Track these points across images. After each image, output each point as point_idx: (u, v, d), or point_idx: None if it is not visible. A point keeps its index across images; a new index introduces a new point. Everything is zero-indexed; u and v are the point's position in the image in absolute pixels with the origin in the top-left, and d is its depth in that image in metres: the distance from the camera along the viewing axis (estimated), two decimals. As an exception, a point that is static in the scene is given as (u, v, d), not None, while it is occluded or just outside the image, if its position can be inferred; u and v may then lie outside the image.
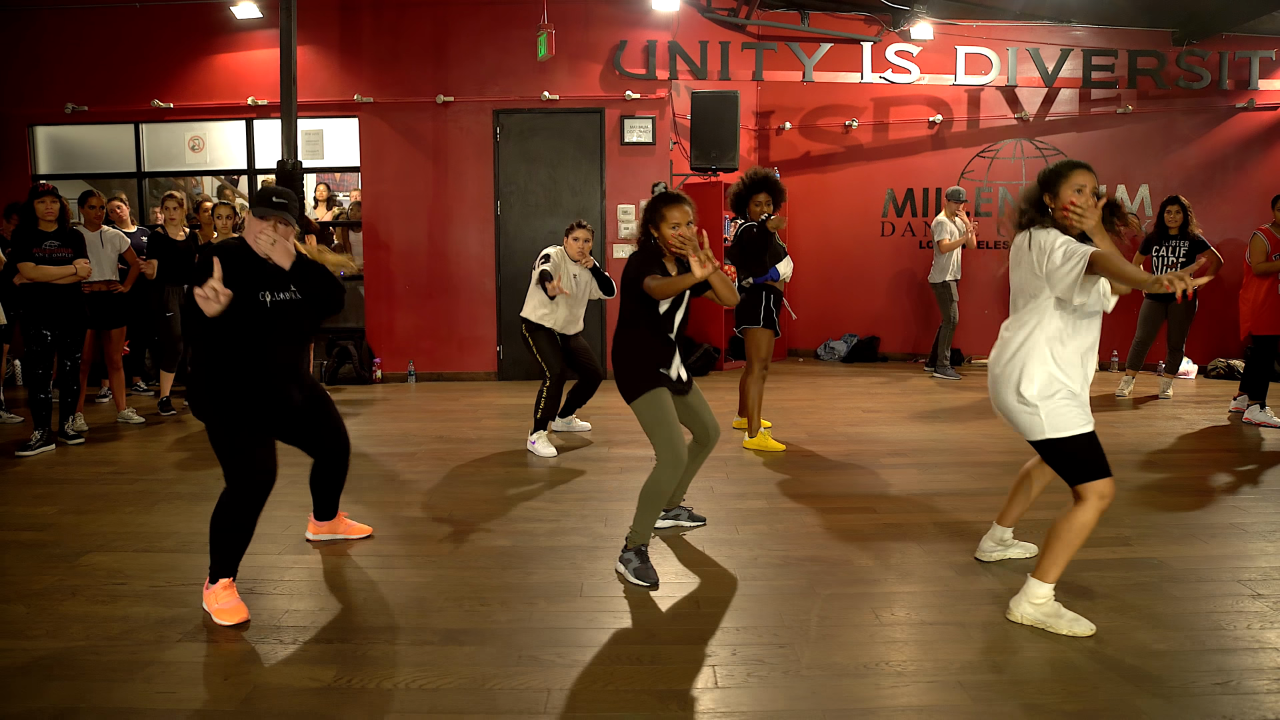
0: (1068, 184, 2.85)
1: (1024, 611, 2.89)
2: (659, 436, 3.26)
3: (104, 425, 6.15)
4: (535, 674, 2.53)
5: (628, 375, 3.35)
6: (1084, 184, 2.83)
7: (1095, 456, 2.81)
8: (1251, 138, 8.75)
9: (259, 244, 2.97)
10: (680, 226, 3.24)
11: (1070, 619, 2.83)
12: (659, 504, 3.25)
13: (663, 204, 3.29)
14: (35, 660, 2.61)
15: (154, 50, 7.99)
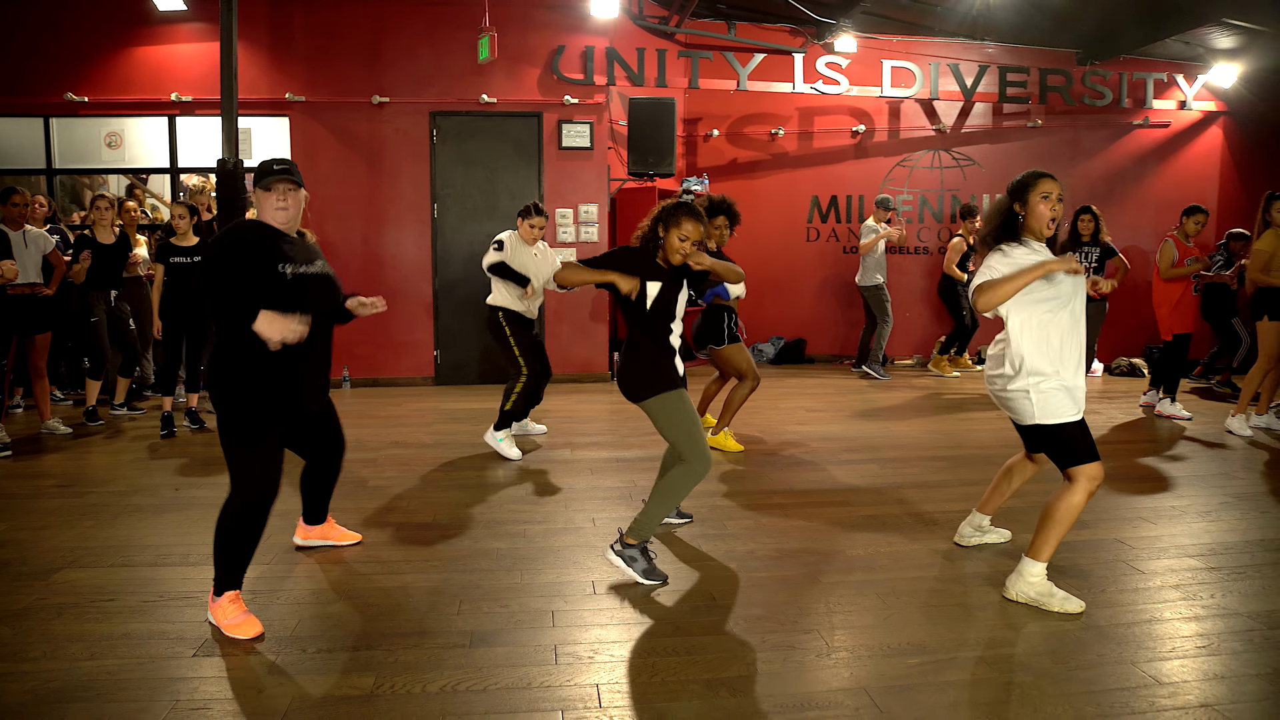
0: (1035, 191, 3.05)
1: (1020, 590, 3.06)
2: (694, 437, 3.24)
3: (28, 437, 5.78)
4: (579, 671, 2.55)
5: (644, 374, 3.30)
6: (1050, 191, 3.04)
7: (1085, 442, 3.02)
8: (1147, 152, 9.44)
9: (275, 218, 2.93)
10: (689, 241, 3.27)
11: (1061, 597, 3.02)
12: (676, 504, 3.28)
13: (683, 213, 3.30)
14: (41, 684, 2.46)
15: (68, 41, 7.56)
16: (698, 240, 3.28)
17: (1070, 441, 3.02)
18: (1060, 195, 3.07)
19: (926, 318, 9.69)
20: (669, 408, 3.26)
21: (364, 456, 5.32)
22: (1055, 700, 2.39)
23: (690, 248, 3.28)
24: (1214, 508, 4.22)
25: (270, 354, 2.76)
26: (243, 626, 2.76)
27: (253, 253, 2.82)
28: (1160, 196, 9.31)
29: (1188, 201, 6.96)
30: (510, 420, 5.32)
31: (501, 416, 5.27)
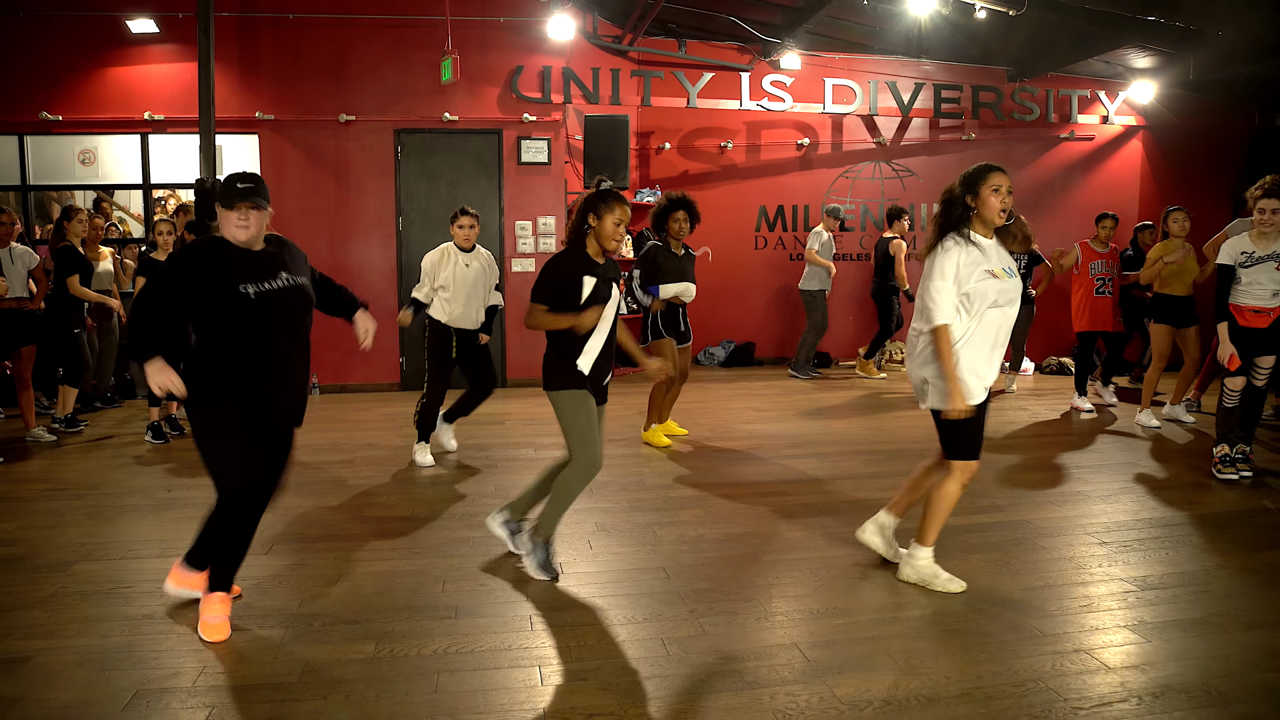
0: (986, 184, 3.24)
1: (906, 573, 3.43)
2: (576, 439, 3.40)
3: (12, 444, 6.03)
4: (551, 636, 2.96)
5: (556, 367, 3.47)
6: (1000, 184, 3.23)
7: (970, 439, 3.34)
8: (1073, 164, 10.10)
9: (235, 235, 2.89)
10: (623, 225, 3.38)
11: (945, 578, 3.37)
12: (571, 502, 3.49)
13: (613, 197, 3.38)
14: (82, 656, 2.81)
15: (42, 61, 7.77)
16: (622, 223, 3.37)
17: (958, 434, 3.32)
18: (1010, 189, 3.24)
19: (868, 321, 10.22)
20: (565, 405, 3.42)
21: (341, 458, 5.67)
22: (954, 651, 2.85)
23: (623, 231, 3.39)
24: (1114, 491, 4.76)
25: (239, 364, 2.89)
26: (215, 629, 2.93)
27: (209, 270, 2.84)
28: (1085, 205, 9.96)
29: (1112, 210, 7.59)
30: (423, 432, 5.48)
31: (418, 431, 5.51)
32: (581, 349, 3.43)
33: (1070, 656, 2.80)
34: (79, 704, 2.52)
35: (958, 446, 3.35)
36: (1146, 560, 3.71)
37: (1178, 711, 2.45)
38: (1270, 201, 4.74)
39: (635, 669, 2.72)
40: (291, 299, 2.99)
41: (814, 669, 2.70)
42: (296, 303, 3.01)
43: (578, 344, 3.43)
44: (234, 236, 2.91)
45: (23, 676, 2.69)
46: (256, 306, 2.89)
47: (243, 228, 2.90)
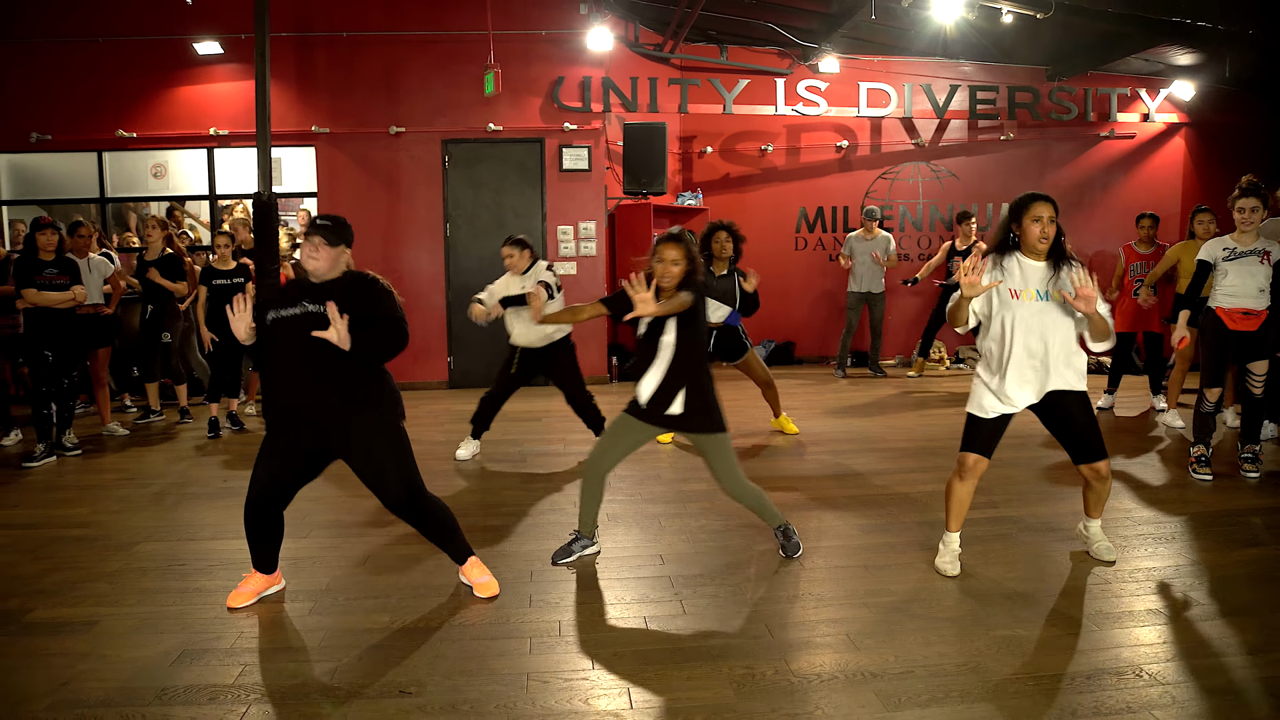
0: (1028, 215, 3.41)
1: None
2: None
3: (90, 437, 6.62)
4: (548, 613, 3.29)
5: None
6: (1041, 214, 3.39)
7: (968, 433, 3.64)
8: (1113, 163, 10.06)
9: (306, 265, 3.25)
10: (664, 263, 3.62)
11: (946, 562, 3.67)
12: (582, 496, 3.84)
13: (658, 242, 3.67)
14: (142, 621, 3.25)
15: (118, 82, 8.42)
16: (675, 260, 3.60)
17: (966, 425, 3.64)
18: (1052, 217, 3.39)
19: (911, 320, 10.34)
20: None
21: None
22: (910, 633, 3.09)
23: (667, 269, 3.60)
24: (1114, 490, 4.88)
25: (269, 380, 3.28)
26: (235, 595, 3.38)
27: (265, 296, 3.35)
28: (1127, 204, 9.91)
29: (1152, 209, 7.63)
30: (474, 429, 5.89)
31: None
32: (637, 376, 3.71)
33: (1011, 642, 3.01)
34: (135, 660, 2.93)
35: (964, 435, 3.61)
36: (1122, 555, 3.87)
37: (1105, 691, 2.66)
38: (1249, 200, 4.80)
39: (614, 641, 3.03)
40: (298, 325, 3.15)
41: (777, 646, 2.98)
42: (301, 328, 3.13)
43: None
44: (304, 263, 3.29)
45: (91, 636, 3.12)
46: (269, 332, 3.23)
47: (312, 259, 3.26)
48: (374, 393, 3.31)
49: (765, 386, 6.34)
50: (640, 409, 3.68)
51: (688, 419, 3.63)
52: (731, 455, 3.72)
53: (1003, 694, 2.65)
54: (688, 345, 3.61)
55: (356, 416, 3.25)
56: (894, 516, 4.44)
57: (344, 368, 3.19)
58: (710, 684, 2.72)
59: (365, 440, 3.25)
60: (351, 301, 3.20)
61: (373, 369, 3.31)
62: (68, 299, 5.81)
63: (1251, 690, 2.66)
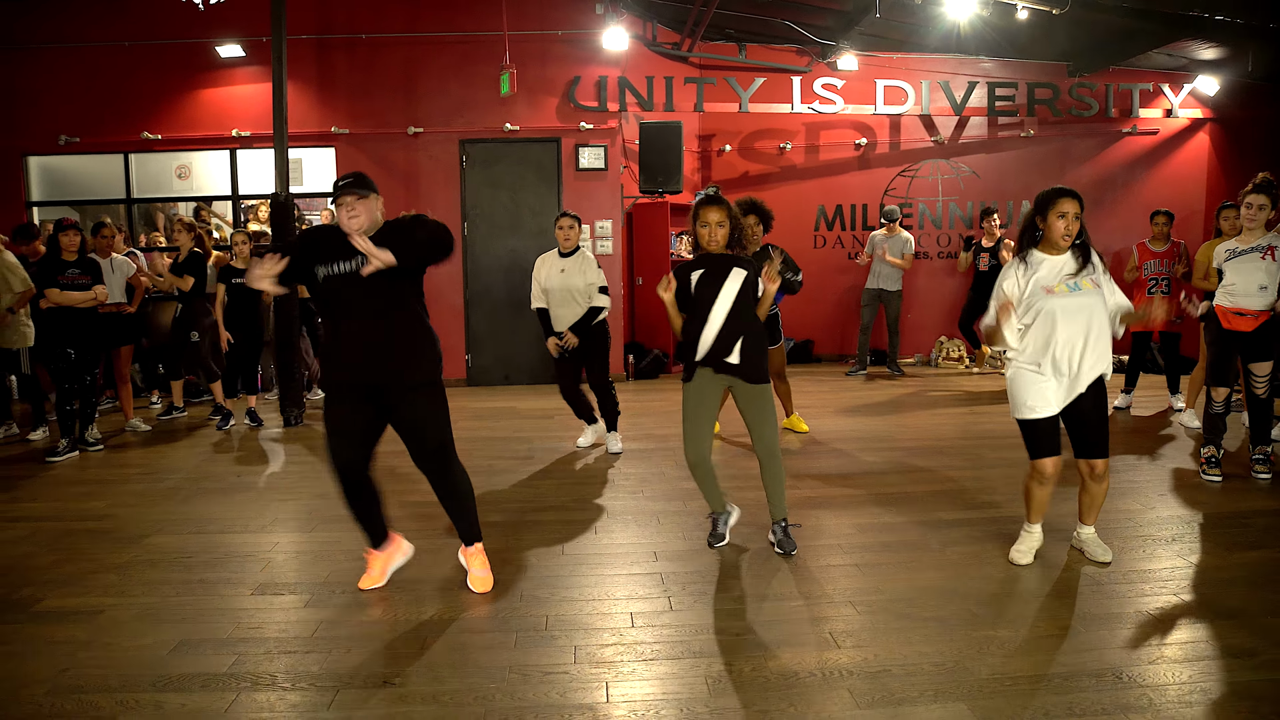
0: (1053, 210, 3.46)
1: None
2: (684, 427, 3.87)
3: (113, 433, 6.79)
4: (537, 608, 3.35)
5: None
6: (1066, 210, 3.43)
7: (1029, 440, 3.63)
8: (1135, 159, 9.93)
9: (349, 227, 3.17)
10: (709, 226, 3.78)
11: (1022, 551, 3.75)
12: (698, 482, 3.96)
13: (699, 205, 3.80)
14: (143, 611, 3.35)
15: (143, 86, 8.62)
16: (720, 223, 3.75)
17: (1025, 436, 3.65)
18: (1077, 213, 3.43)
19: (929, 318, 10.28)
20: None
21: (397, 448, 6.15)
22: (893, 633, 3.11)
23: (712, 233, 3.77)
24: (1114, 491, 4.85)
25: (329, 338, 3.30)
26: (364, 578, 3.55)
27: (308, 250, 3.22)
28: (1150, 201, 9.75)
29: (1175, 205, 7.53)
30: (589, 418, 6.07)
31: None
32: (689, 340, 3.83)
33: (995, 642, 3.01)
34: (134, 648, 3.04)
35: (1027, 446, 3.65)
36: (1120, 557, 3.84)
37: (1081, 693, 2.67)
38: (1258, 197, 4.74)
39: (597, 637, 3.08)
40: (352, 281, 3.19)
41: (758, 644, 3.01)
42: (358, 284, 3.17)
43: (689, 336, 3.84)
44: (346, 226, 3.20)
45: (95, 624, 3.24)
46: (324, 288, 3.25)
47: (353, 217, 3.19)
48: (426, 344, 3.40)
49: (779, 380, 6.27)
50: (697, 360, 3.79)
51: (743, 367, 3.77)
52: (775, 411, 3.89)
53: (978, 694, 2.66)
54: (745, 298, 3.79)
55: (411, 363, 3.33)
56: (892, 516, 4.44)
57: (402, 316, 3.30)
58: (687, 680, 2.76)
59: (415, 388, 3.34)
60: (395, 242, 3.20)
61: (424, 322, 3.41)
62: (89, 298, 5.97)
63: (1232, 695, 2.65)
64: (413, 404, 3.34)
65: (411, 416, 3.36)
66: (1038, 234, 3.54)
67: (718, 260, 3.84)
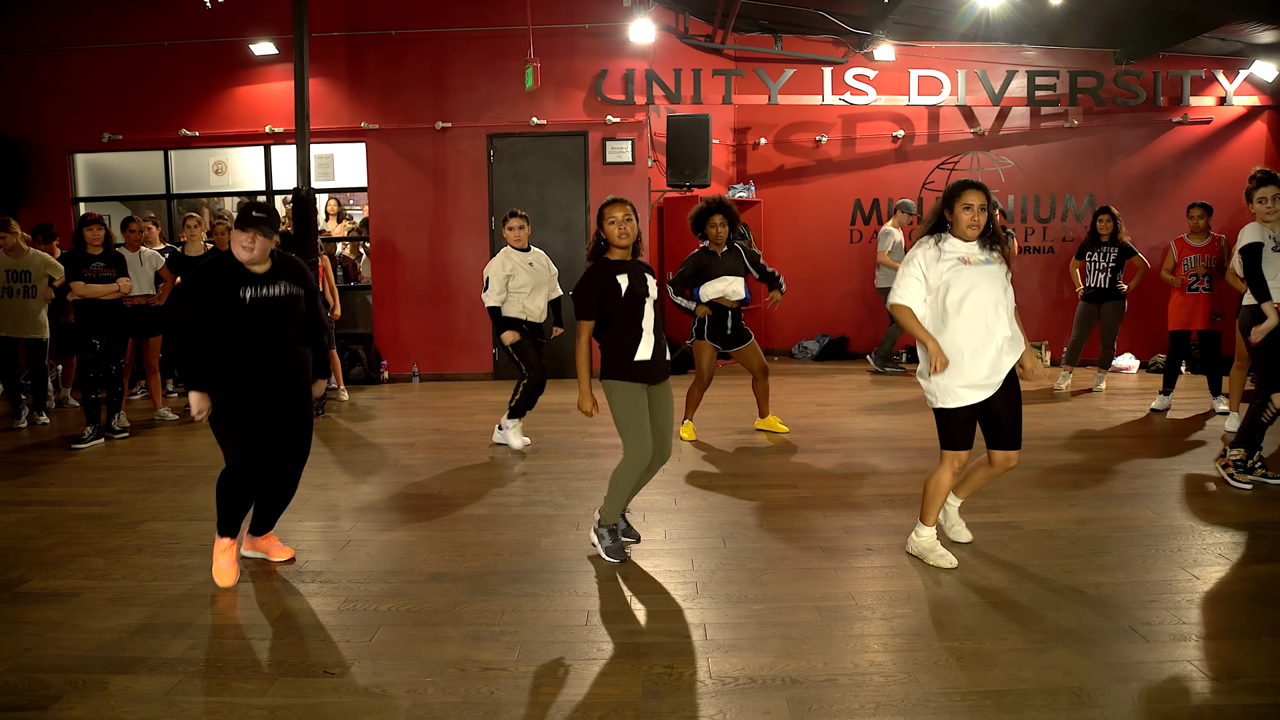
0: (959, 202, 3.52)
1: (910, 546, 3.76)
2: (627, 429, 3.71)
3: (143, 422, 7.00)
4: (495, 602, 3.33)
5: (605, 358, 3.77)
6: (972, 202, 3.50)
7: (952, 432, 3.57)
8: (1186, 150, 9.50)
9: (239, 255, 3.42)
10: (615, 224, 3.72)
11: (939, 554, 3.63)
12: (623, 490, 3.81)
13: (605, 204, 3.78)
14: (118, 594, 3.44)
15: (182, 84, 8.87)
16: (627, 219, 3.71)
17: (943, 427, 3.61)
18: (983, 206, 3.49)
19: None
20: (610, 397, 3.76)
21: (405, 441, 6.27)
22: (848, 639, 3.02)
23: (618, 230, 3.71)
24: (1122, 497, 4.64)
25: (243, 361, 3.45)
26: (222, 574, 3.53)
27: (217, 283, 3.41)
28: (1201, 194, 9.26)
29: (1230, 198, 7.19)
30: (517, 413, 5.92)
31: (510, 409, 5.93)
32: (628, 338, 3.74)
33: (958, 655, 2.89)
34: (99, 630, 3.11)
35: (943, 437, 3.62)
36: (1094, 567, 3.66)
37: (1032, 711, 2.54)
38: (1269, 189, 4.48)
39: (549, 634, 3.05)
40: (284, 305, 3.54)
41: (708, 647, 2.94)
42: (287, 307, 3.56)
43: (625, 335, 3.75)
44: (238, 255, 3.44)
45: (70, 606, 3.33)
46: (250, 310, 3.45)
47: (246, 249, 3.42)
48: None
49: (762, 375, 6.11)
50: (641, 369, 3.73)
51: (668, 366, 3.86)
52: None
53: (920, 709, 2.55)
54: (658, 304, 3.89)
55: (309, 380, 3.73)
56: (884, 519, 4.32)
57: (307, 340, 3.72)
58: (623, 682, 2.71)
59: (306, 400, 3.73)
60: (297, 281, 3.64)
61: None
62: (113, 290, 6.15)
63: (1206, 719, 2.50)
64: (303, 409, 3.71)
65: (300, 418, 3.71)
66: (948, 224, 3.58)
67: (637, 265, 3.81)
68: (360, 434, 6.63)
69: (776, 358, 10.46)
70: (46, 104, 8.96)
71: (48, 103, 8.96)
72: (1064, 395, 7.81)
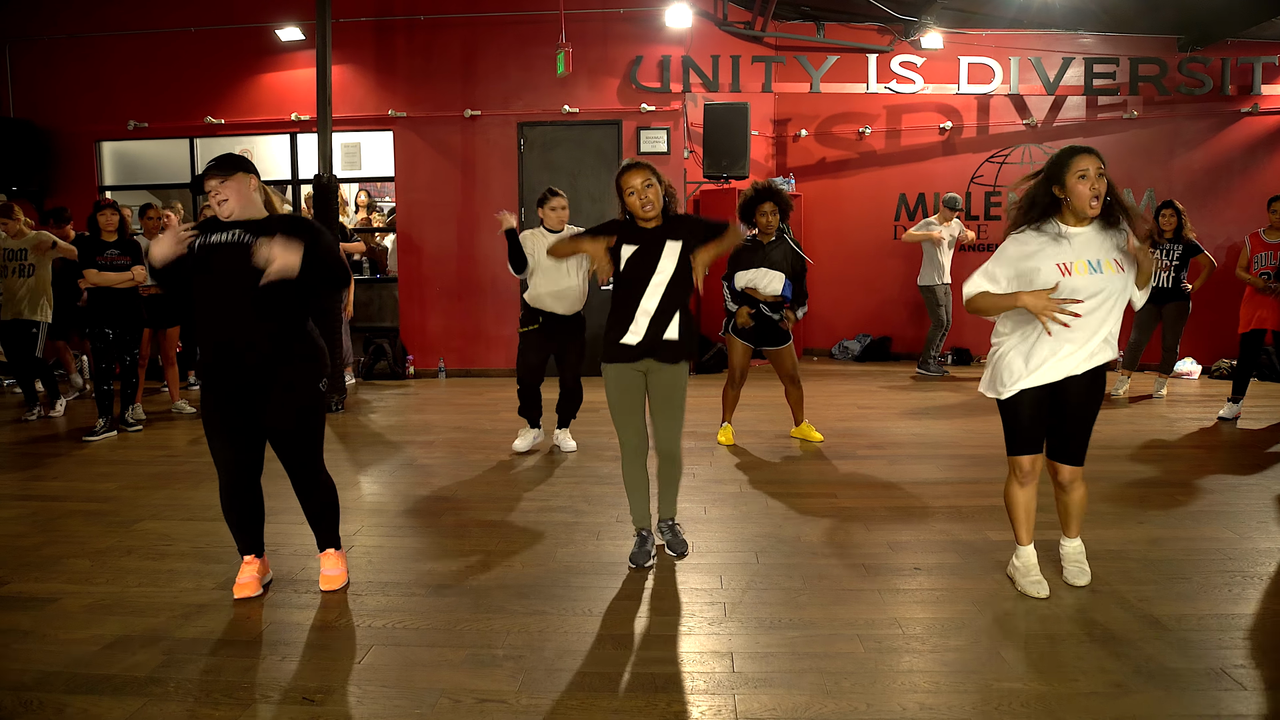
0: (1071, 171, 2.95)
1: (1011, 563, 3.37)
2: (614, 418, 3.50)
3: (160, 414, 6.82)
4: (500, 620, 3.02)
5: (605, 338, 3.51)
6: (1087, 168, 2.93)
7: (1010, 428, 3.19)
8: (1256, 142, 8.93)
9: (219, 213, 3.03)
10: (634, 194, 3.38)
11: (1030, 580, 3.23)
12: (629, 487, 3.56)
13: (623, 169, 3.45)
14: (97, 601, 3.18)
15: (207, 71, 8.70)
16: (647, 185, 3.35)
17: (1005, 426, 3.21)
18: (1100, 170, 2.95)
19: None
20: (605, 382, 3.50)
21: (424, 439, 6.00)
22: (897, 676, 2.66)
23: (638, 200, 3.35)
24: (1181, 518, 4.21)
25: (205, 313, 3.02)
26: (239, 587, 3.20)
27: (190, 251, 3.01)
28: (1271, 188, 8.76)
29: None
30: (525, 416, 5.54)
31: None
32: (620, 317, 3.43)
33: (1016, 699, 2.53)
34: (70, 641, 2.85)
35: (1007, 439, 3.24)
36: (1172, 595, 3.25)
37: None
38: None
39: (556, 660, 2.73)
40: (229, 253, 2.96)
41: (733, 681, 2.60)
42: (233, 256, 2.95)
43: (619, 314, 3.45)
44: (218, 213, 3.04)
45: (44, 614, 3.08)
46: (195, 259, 2.98)
47: (220, 202, 2.99)
48: (307, 347, 3.15)
49: (792, 384, 5.73)
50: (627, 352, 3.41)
51: (681, 345, 3.45)
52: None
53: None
54: (683, 271, 3.39)
55: (286, 365, 3.08)
56: (933, 534, 3.94)
57: (284, 310, 3.05)
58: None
59: (288, 390, 3.09)
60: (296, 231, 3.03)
61: (304, 327, 3.15)
62: (127, 279, 5.96)
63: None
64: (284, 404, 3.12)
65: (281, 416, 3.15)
66: (1062, 203, 3.03)
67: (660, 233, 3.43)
68: (379, 431, 6.37)
69: (816, 358, 10.07)
70: (72, 92, 8.86)
71: (73, 91, 8.86)
72: (1122, 401, 7.34)
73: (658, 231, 3.43)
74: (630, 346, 3.40)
